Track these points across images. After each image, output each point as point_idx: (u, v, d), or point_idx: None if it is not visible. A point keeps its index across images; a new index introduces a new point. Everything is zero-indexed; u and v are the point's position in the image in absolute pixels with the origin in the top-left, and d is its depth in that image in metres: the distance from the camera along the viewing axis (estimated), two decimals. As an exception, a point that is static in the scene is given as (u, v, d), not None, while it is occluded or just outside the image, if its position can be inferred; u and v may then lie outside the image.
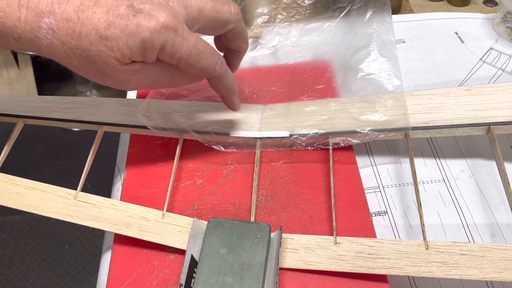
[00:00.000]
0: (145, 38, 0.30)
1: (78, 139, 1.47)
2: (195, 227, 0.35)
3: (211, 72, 0.34)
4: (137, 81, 0.33)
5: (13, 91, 1.51)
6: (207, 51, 0.33)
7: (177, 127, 0.41)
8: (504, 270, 0.31)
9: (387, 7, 0.45)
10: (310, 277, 0.34)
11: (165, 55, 0.31)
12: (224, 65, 0.35)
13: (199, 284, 0.31)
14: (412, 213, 0.39)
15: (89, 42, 0.29)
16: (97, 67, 0.31)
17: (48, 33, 0.29)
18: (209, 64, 0.33)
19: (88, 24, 0.29)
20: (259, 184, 0.40)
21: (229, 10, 0.34)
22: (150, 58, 0.31)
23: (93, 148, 0.41)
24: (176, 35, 0.30)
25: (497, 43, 0.54)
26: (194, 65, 0.33)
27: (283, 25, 0.49)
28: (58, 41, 0.29)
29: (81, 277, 1.18)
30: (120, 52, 0.30)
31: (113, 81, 0.33)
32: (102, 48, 0.30)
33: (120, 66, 0.31)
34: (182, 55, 0.31)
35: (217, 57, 0.34)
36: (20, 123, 0.43)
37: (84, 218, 0.36)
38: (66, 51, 0.30)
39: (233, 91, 0.38)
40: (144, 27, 0.29)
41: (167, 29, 0.30)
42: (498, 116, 0.39)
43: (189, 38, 0.31)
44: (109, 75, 0.32)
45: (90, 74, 0.32)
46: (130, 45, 0.30)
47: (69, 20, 0.29)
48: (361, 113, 0.41)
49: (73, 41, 0.29)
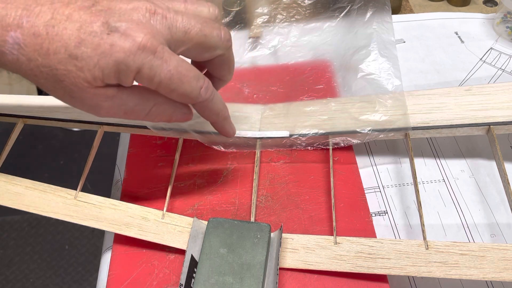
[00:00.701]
0: (119, 60, 0.27)
1: (78, 139, 1.47)
2: (195, 227, 0.35)
3: (194, 97, 0.30)
4: (108, 108, 0.30)
5: (13, 91, 1.51)
6: (190, 75, 0.29)
7: (177, 127, 0.41)
8: (504, 270, 0.31)
9: (387, 7, 0.45)
10: (310, 277, 0.34)
11: (143, 79, 0.28)
12: (210, 89, 0.31)
13: (199, 284, 0.31)
14: (412, 213, 0.39)
15: (57, 60, 0.27)
16: (65, 88, 0.28)
17: (14, 48, 0.27)
18: (193, 89, 0.30)
19: (57, 41, 0.27)
20: (259, 184, 0.40)
21: (218, 35, 0.31)
22: (126, 82, 0.29)
23: (93, 148, 0.41)
24: (155, 57, 0.28)
25: (497, 43, 0.54)
26: (175, 90, 0.29)
27: (283, 25, 0.49)
28: (24, 57, 0.27)
29: (81, 277, 1.18)
30: (91, 73, 0.27)
31: (82, 105, 0.30)
32: (71, 67, 0.27)
33: (90, 89, 0.28)
34: (162, 79, 0.28)
35: (202, 80, 0.30)
36: (20, 123, 0.43)
37: (84, 218, 0.36)
38: (33, 69, 0.27)
39: (223, 117, 0.34)
40: (118, 47, 0.27)
41: (144, 50, 0.27)
42: (498, 116, 0.39)
43: (170, 60, 0.28)
44: (78, 97, 0.29)
45: (58, 95, 0.29)
46: (102, 66, 0.27)
47: (37, 35, 0.27)
48: (361, 113, 0.41)
49: (40, 58, 0.27)
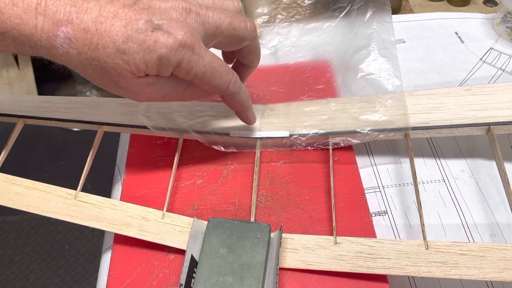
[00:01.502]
0: (162, 55, 0.30)
1: (78, 139, 1.47)
2: (195, 227, 0.35)
3: (224, 90, 0.34)
4: (149, 94, 0.33)
5: (13, 91, 1.51)
6: (222, 70, 0.33)
7: (177, 127, 0.41)
8: (504, 270, 0.31)
9: (387, 7, 0.45)
10: (310, 277, 0.34)
11: (181, 72, 0.31)
12: (238, 83, 0.35)
13: (199, 284, 0.31)
14: (412, 213, 0.39)
15: (105, 54, 0.29)
16: (111, 79, 0.31)
17: (64, 42, 0.29)
18: (223, 83, 0.33)
19: (106, 37, 0.29)
20: (259, 184, 0.40)
21: (245, 27, 0.34)
22: (165, 73, 0.31)
23: (93, 148, 0.41)
24: (193, 53, 0.31)
25: (497, 43, 0.54)
26: (208, 83, 0.33)
27: (283, 25, 0.49)
28: (74, 51, 0.29)
29: (81, 277, 1.18)
30: (136, 66, 0.30)
31: (126, 92, 0.33)
32: (118, 61, 0.29)
33: (134, 79, 0.31)
34: (197, 72, 0.32)
35: (231, 75, 0.34)
36: (20, 123, 0.43)
37: (84, 218, 0.36)
38: (82, 61, 0.30)
39: (247, 107, 0.38)
40: (161, 43, 0.29)
41: (184, 47, 0.30)
42: (498, 116, 0.39)
43: (205, 56, 0.31)
44: (122, 86, 0.32)
45: (104, 84, 0.32)
46: (147, 60, 0.30)
47: (87, 30, 0.29)
48: (361, 113, 0.41)
49: (89, 52, 0.29)
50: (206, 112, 0.43)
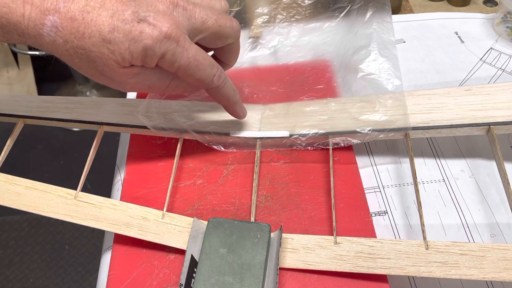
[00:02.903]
0: (147, 46, 0.30)
1: (78, 139, 1.47)
2: (195, 227, 0.35)
3: (208, 83, 0.35)
4: (134, 84, 0.33)
5: (13, 91, 1.51)
6: (206, 63, 0.33)
7: (177, 127, 0.41)
8: (504, 270, 0.31)
9: (387, 7, 0.45)
10: (310, 277, 0.34)
11: (165, 63, 0.32)
12: (223, 77, 0.35)
13: (199, 284, 0.31)
14: (412, 213, 0.39)
15: (91, 43, 0.30)
16: (97, 68, 0.31)
17: (51, 30, 0.29)
18: (207, 76, 0.34)
19: (92, 26, 0.29)
20: (259, 184, 0.40)
21: (231, 26, 0.35)
22: (150, 64, 0.32)
23: (93, 148, 0.41)
24: (178, 46, 0.31)
25: (497, 43, 0.54)
26: (192, 75, 0.33)
27: (283, 25, 0.49)
28: (61, 39, 0.30)
29: (81, 277, 1.18)
30: (121, 56, 0.30)
31: (111, 82, 0.33)
32: (104, 50, 0.30)
33: (120, 69, 0.31)
34: (181, 64, 0.32)
35: (216, 69, 0.34)
36: (20, 123, 0.43)
37: (84, 218, 0.36)
38: (68, 50, 0.30)
39: (233, 101, 0.38)
40: (147, 35, 0.30)
41: (169, 39, 0.30)
42: (498, 116, 0.39)
43: (190, 49, 0.32)
44: (107, 75, 0.32)
45: (89, 73, 0.32)
46: (132, 50, 0.30)
47: (74, 19, 0.29)
48: (361, 113, 0.41)
49: (76, 40, 0.30)
50: (206, 112, 0.43)
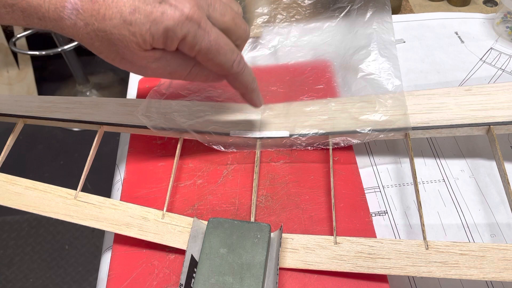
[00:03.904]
0: (168, 27, 0.30)
1: (78, 139, 1.47)
2: (195, 227, 0.35)
3: (228, 68, 0.34)
4: (155, 69, 0.33)
5: (13, 91, 1.51)
6: (227, 48, 0.33)
7: (177, 127, 0.41)
8: (504, 270, 0.31)
9: (387, 7, 0.45)
10: (310, 277, 0.34)
11: (185, 46, 0.31)
12: (242, 63, 0.35)
13: (199, 284, 0.31)
14: (412, 213, 0.39)
15: (112, 25, 0.29)
16: (117, 51, 0.31)
17: (72, 13, 0.29)
18: (227, 61, 0.33)
19: (113, 7, 0.29)
20: (259, 184, 0.40)
21: (245, 29, 0.35)
22: (171, 47, 0.31)
23: (93, 148, 0.41)
24: (199, 28, 0.31)
25: (497, 43, 0.54)
26: (212, 60, 0.33)
27: (283, 25, 0.49)
28: (81, 22, 0.29)
29: (81, 277, 1.18)
30: (142, 38, 0.30)
31: (132, 66, 0.33)
32: (124, 32, 0.29)
33: (141, 52, 0.31)
34: (201, 48, 0.31)
35: (236, 54, 0.34)
36: (20, 123, 0.43)
37: (84, 218, 0.36)
38: (89, 33, 0.30)
39: (251, 89, 0.37)
40: (168, 15, 0.29)
41: (191, 20, 0.30)
42: (498, 116, 0.39)
43: (211, 32, 0.31)
44: (128, 59, 0.32)
45: (110, 57, 0.32)
46: (153, 32, 0.30)
47: (94, 1, 0.29)
48: (361, 113, 0.41)
49: (96, 23, 0.29)
50: (206, 112, 0.43)
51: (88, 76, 1.57)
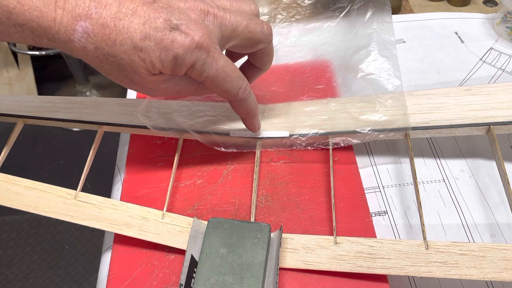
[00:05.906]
0: (177, 55, 0.30)
1: (78, 139, 1.48)
2: (195, 227, 0.35)
3: (233, 95, 0.34)
4: (163, 89, 0.33)
5: (13, 91, 1.51)
6: (233, 75, 0.33)
7: (177, 127, 0.41)
8: (504, 270, 0.31)
9: (387, 7, 0.45)
10: (310, 277, 0.34)
11: (193, 72, 0.32)
12: (248, 90, 0.35)
13: (199, 284, 0.31)
14: (412, 213, 0.39)
15: (122, 50, 0.29)
16: (126, 75, 0.31)
17: (82, 36, 0.29)
18: (233, 88, 0.34)
19: (124, 33, 0.29)
20: (259, 184, 0.40)
21: (261, 31, 0.34)
22: (179, 73, 0.32)
23: (93, 148, 0.41)
24: (208, 56, 0.31)
25: (497, 43, 0.54)
26: (218, 87, 0.33)
27: (283, 25, 0.49)
28: (92, 46, 0.29)
29: (81, 277, 1.18)
30: (152, 64, 0.30)
31: (141, 88, 0.33)
32: (134, 58, 0.30)
33: (150, 77, 0.31)
34: (209, 75, 0.32)
35: (242, 82, 0.34)
36: (20, 123, 0.43)
37: (84, 218, 0.36)
38: (99, 56, 0.30)
39: (253, 115, 0.38)
40: (178, 43, 0.30)
41: (200, 48, 0.30)
42: (498, 116, 0.39)
43: (219, 60, 0.32)
44: (138, 83, 0.32)
45: (119, 80, 0.32)
46: (163, 59, 0.30)
47: (105, 26, 0.29)
48: (361, 113, 0.41)
49: (107, 47, 0.29)
50: (206, 112, 0.43)
51: (88, 76, 1.57)
